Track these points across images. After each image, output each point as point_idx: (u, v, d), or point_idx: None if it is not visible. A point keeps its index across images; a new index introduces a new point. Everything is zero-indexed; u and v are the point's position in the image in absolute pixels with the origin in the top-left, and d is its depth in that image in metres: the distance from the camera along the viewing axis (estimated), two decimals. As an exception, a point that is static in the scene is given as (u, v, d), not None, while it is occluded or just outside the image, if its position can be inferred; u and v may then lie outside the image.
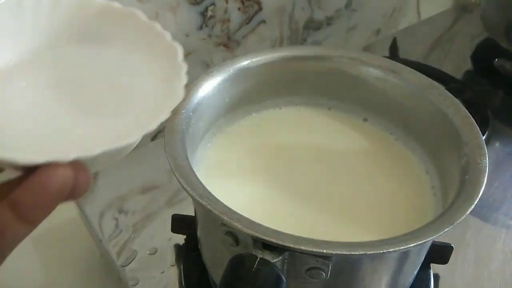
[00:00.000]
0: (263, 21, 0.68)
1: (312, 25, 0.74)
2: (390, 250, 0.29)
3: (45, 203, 0.21)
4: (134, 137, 0.22)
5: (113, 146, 0.22)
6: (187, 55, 0.60)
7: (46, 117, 0.25)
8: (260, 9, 0.67)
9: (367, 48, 0.80)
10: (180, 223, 0.47)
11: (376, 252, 0.29)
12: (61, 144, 0.23)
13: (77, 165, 0.21)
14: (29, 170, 0.21)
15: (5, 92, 0.26)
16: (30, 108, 0.26)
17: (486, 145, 0.36)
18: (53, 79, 0.27)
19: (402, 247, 0.29)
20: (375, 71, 0.44)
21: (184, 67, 0.26)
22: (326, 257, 0.29)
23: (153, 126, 0.23)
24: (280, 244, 0.29)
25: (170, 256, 0.47)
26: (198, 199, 0.31)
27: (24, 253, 0.52)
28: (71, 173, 0.21)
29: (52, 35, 0.27)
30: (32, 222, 0.21)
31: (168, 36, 0.27)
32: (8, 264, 0.22)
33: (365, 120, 0.46)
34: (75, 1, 0.27)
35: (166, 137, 0.35)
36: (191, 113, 0.38)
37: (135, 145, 0.25)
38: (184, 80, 0.25)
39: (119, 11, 0.28)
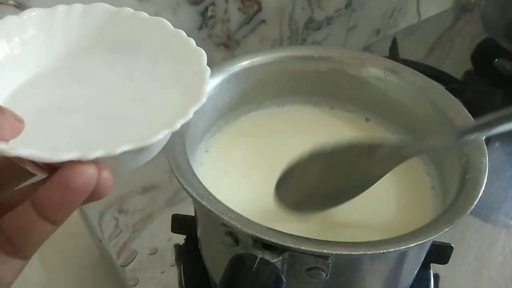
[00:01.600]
0: (263, 21, 0.68)
1: (312, 25, 0.74)
2: (390, 250, 0.29)
3: (67, 202, 0.21)
4: (157, 137, 0.23)
5: (135, 145, 0.22)
6: (187, 55, 0.60)
7: (72, 119, 0.26)
8: (260, 9, 0.67)
9: (367, 48, 0.80)
10: (180, 223, 0.47)
11: (376, 252, 0.29)
12: (86, 144, 0.23)
13: (100, 164, 0.21)
14: (53, 171, 0.21)
15: (34, 96, 0.27)
16: (56, 110, 0.26)
17: (486, 145, 0.36)
18: (81, 85, 0.28)
19: (402, 247, 0.29)
20: (375, 71, 0.44)
21: (208, 71, 0.27)
22: (326, 257, 0.29)
23: (176, 126, 0.23)
24: (280, 244, 0.29)
25: (170, 256, 0.47)
26: (198, 199, 0.31)
27: (24, 253, 0.52)
28: (94, 172, 0.21)
29: (82, 44, 0.29)
30: (55, 221, 0.21)
31: (192, 42, 0.28)
32: (8, 264, 0.22)
33: (366, 120, 0.46)
34: (104, 11, 0.28)
35: (166, 137, 0.35)
36: (191, 113, 0.38)
37: (160, 147, 0.26)
38: (207, 83, 0.26)
39: (147, 20, 0.29)
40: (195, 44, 0.28)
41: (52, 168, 0.22)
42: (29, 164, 0.23)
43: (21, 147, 0.21)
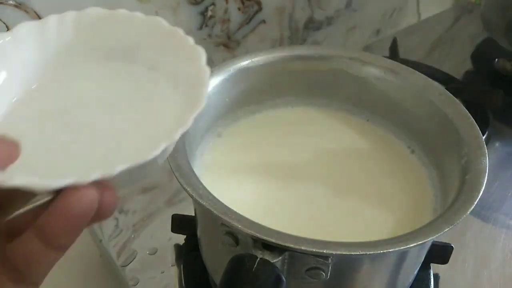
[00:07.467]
0: (263, 21, 0.68)
1: (312, 25, 0.74)
2: (390, 250, 0.29)
3: (70, 228, 0.20)
4: (154, 152, 0.21)
5: (134, 163, 0.21)
6: (187, 55, 0.60)
7: (70, 134, 0.25)
8: (260, 9, 0.67)
9: (367, 48, 0.80)
10: (180, 223, 0.46)
11: (376, 252, 0.29)
12: (85, 166, 0.22)
13: (100, 185, 0.20)
14: (57, 192, 0.20)
15: (30, 112, 0.26)
16: (52, 126, 0.26)
17: (486, 145, 0.36)
18: (77, 98, 0.27)
19: (402, 247, 0.29)
20: (375, 71, 0.44)
21: (208, 71, 0.25)
22: (326, 257, 0.29)
23: (175, 137, 0.22)
24: (280, 244, 0.29)
25: (170, 256, 0.47)
26: (198, 199, 0.31)
27: (24, 253, 0.52)
28: (95, 195, 0.20)
29: (77, 53, 0.28)
30: (60, 248, 0.21)
31: (191, 40, 0.27)
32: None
33: (365, 120, 0.46)
34: (97, 16, 0.27)
35: (166, 137, 0.35)
36: (191, 113, 0.38)
37: (164, 157, 0.24)
38: (207, 85, 0.25)
39: (142, 21, 0.28)
40: (193, 42, 0.27)
41: (54, 193, 0.21)
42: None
43: (17, 174, 0.20)
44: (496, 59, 0.71)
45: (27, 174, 0.20)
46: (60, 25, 0.27)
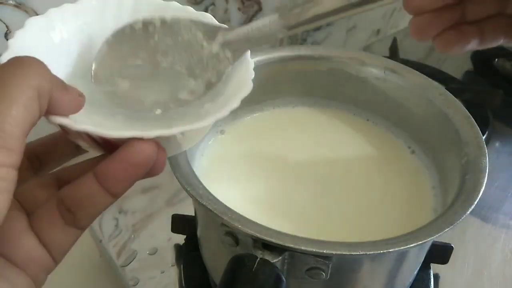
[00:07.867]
0: (263, 21, 0.68)
1: (312, 25, 0.74)
2: (390, 250, 0.29)
3: (129, 176, 0.22)
4: (210, 120, 0.24)
5: (189, 127, 0.23)
6: (187, 55, 0.60)
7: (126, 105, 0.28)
8: (260, 9, 0.67)
9: (367, 48, 0.80)
10: (180, 223, 0.47)
11: (376, 252, 0.29)
12: (141, 126, 0.25)
13: (158, 143, 0.23)
14: (112, 149, 0.22)
15: (86, 79, 0.27)
16: (108, 93, 0.27)
17: (486, 145, 0.36)
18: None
19: (402, 247, 0.29)
20: (375, 71, 0.44)
21: (252, 63, 0.29)
22: (326, 257, 0.29)
23: (224, 112, 0.25)
24: (280, 244, 0.29)
25: (170, 256, 0.47)
26: (198, 199, 0.31)
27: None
28: (155, 149, 0.22)
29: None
30: (114, 194, 0.23)
31: None
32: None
33: (365, 120, 0.46)
34: (154, 5, 0.29)
35: (166, 137, 0.35)
36: (191, 113, 0.38)
37: (205, 132, 0.29)
38: (252, 74, 0.28)
39: (192, 15, 0.30)
40: None
41: (108, 146, 0.23)
42: (86, 141, 0.23)
43: (82, 122, 0.22)
44: (496, 59, 0.71)
45: (94, 124, 0.22)
46: (118, 6, 0.29)
